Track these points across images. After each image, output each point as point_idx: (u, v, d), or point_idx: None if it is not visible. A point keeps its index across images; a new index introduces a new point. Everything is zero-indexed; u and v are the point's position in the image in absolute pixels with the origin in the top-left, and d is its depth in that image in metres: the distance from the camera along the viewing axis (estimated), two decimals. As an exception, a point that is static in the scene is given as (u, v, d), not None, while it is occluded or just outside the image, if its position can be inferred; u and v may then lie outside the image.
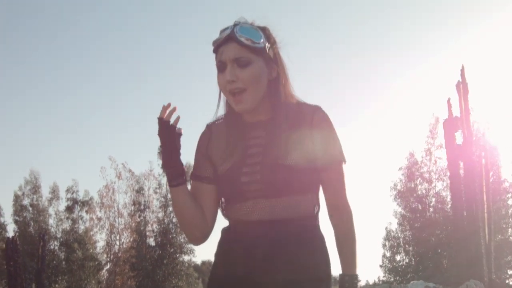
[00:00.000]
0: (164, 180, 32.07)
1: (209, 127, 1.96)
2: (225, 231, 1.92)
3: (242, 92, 1.79)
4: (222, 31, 1.82)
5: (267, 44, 1.82)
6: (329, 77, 49.81)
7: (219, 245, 1.92)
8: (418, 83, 48.49)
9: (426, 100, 50.05)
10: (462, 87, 12.24)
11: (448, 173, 13.65)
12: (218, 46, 1.82)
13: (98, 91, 47.08)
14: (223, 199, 1.91)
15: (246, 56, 1.78)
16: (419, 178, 30.50)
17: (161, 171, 32.36)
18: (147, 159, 38.72)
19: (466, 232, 11.87)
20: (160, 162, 32.28)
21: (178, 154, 1.84)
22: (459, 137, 12.37)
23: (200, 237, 1.91)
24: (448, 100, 12.54)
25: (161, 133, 1.81)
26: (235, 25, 1.81)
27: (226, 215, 1.91)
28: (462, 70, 12.44)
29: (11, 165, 45.11)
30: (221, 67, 1.81)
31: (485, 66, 45.21)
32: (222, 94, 1.88)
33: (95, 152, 46.17)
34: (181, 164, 1.85)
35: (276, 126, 1.83)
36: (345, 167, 1.86)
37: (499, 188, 27.02)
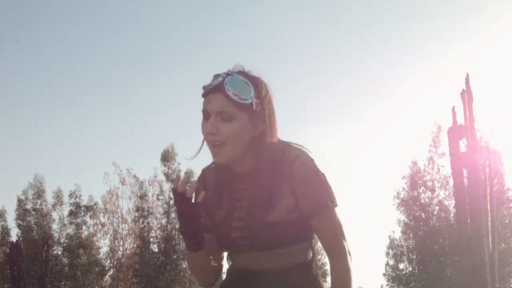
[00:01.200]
0: (166, 186, 32.14)
1: (204, 172, 1.96)
2: (229, 271, 1.98)
3: (222, 145, 1.77)
4: (215, 77, 1.79)
5: (255, 101, 1.78)
6: (332, 83, 49.87)
7: (224, 280, 1.98)
8: (421, 91, 48.55)
9: (429, 108, 50.12)
10: (466, 95, 12.28)
11: (451, 182, 13.67)
12: (206, 93, 1.79)
13: (103, 95, 47.20)
14: None
15: (230, 111, 1.75)
16: (422, 187, 30.53)
17: (164, 177, 32.43)
18: (151, 165, 38.73)
19: (469, 240, 11.87)
20: (164, 169, 32.34)
21: (197, 222, 1.81)
22: (463, 145, 12.41)
23: (213, 281, 1.98)
24: (453, 108, 12.59)
25: (176, 204, 1.78)
26: (227, 74, 1.78)
27: (228, 259, 1.98)
28: (467, 79, 12.48)
29: (15, 170, 45.25)
30: (206, 115, 1.79)
31: (489, 74, 45.29)
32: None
33: (99, 157, 46.25)
34: (201, 231, 1.84)
35: (259, 181, 1.81)
36: (337, 211, 1.82)
37: (502, 197, 27.01)
